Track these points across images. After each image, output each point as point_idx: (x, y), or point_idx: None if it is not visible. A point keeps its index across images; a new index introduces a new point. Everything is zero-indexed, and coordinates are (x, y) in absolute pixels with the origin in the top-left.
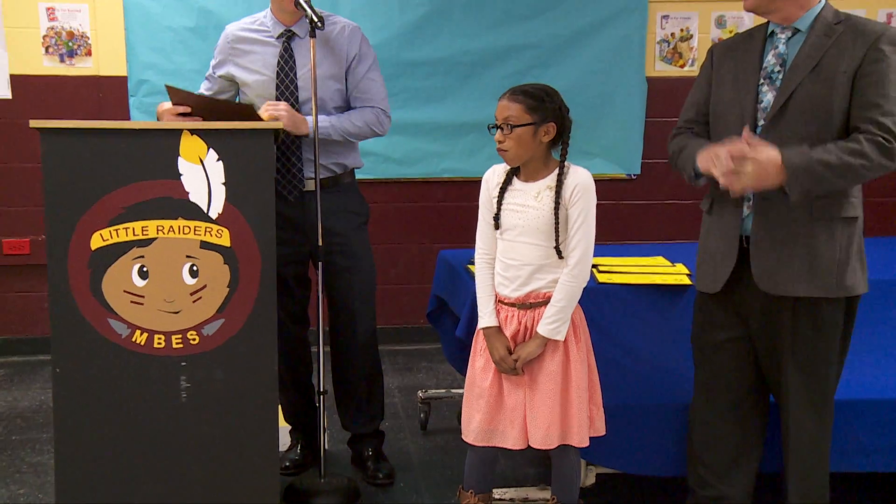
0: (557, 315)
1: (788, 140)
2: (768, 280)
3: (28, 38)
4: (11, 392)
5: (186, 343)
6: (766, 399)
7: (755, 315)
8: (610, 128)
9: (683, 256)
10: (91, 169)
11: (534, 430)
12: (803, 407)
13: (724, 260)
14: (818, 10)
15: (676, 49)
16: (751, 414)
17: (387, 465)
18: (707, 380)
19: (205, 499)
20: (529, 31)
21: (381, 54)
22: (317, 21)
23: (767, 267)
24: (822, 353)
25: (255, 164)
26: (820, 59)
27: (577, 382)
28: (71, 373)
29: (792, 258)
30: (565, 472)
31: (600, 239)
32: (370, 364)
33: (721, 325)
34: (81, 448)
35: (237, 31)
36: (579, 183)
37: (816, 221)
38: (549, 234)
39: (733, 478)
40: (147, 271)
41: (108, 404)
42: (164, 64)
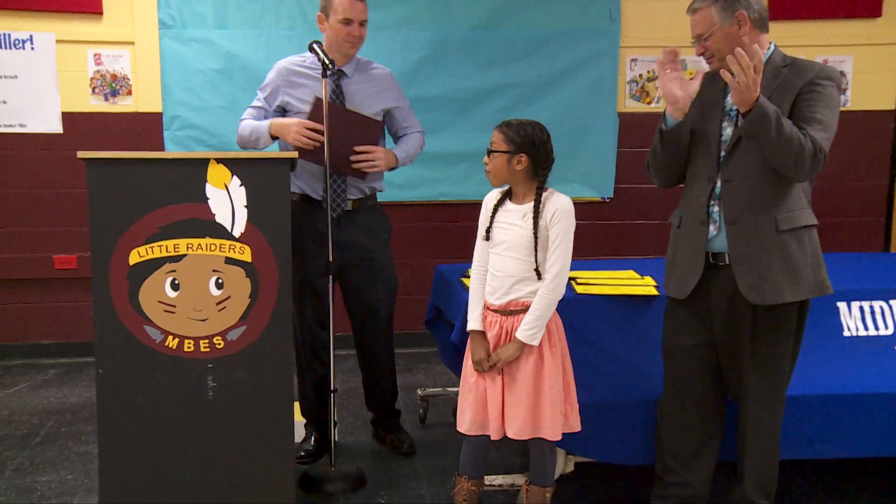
0: (534, 323)
1: (746, 168)
2: (756, 293)
3: (77, 80)
4: (61, 389)
5: (213, 347)
6: (725, 397)
7: (718, 321)
8: (586, 156)
9: (651, 270)
10: (130, 193)
11: (510, 422)
12: (760, 403)
13: (692, 271)
14: (769, 54)
15: (644, 88)
16: (712, 410)
17: (408, 437)
18: (674, 380)
19: (229, 483)
20: (515, 72)
21: None
22: (328, 64)
23: (753, 282)
24: (778, 354)
25: (274, 189)
26: (770, 96)
27: (550, 383)
28: (112, 373)
29: (772, 269)
30: (540, 460)
31: (578, 255)
32: (389, 357)
33: (687, 331)
34: (121, 439)
35: (291, 66)
36: (559, 208)
37: (783, 233)
38: (531, 251)
39: (695, 466)
40: (178, 284)
41: (145, 401)
42: (195, 101)
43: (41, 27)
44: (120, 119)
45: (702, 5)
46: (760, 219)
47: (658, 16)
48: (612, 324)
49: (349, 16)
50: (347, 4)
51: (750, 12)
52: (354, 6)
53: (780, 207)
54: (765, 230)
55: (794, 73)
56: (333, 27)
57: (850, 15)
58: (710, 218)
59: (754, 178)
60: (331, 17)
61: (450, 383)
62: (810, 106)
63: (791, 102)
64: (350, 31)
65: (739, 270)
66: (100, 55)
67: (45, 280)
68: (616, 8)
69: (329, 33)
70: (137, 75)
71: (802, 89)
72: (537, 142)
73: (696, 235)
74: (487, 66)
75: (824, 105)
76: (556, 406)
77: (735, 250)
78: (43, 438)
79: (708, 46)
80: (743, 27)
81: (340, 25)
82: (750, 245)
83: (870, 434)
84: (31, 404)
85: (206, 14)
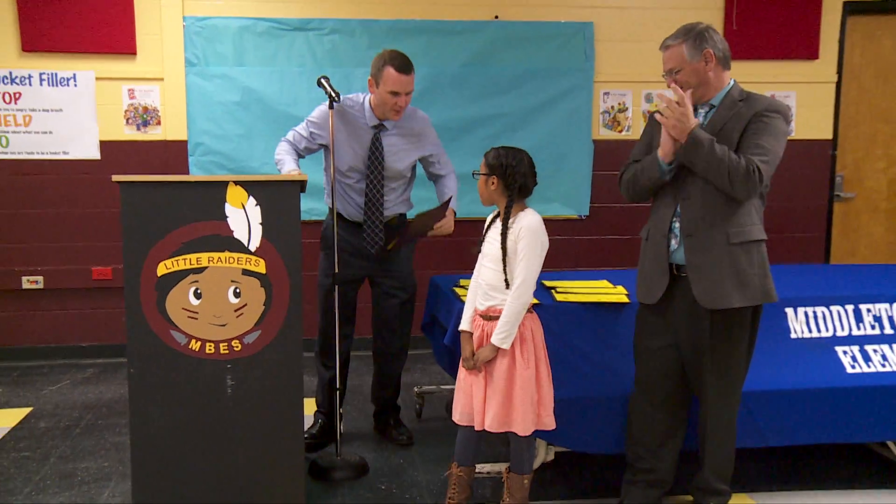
0: (503, 328)
1: (702, 188)
2: (708, 298)
3: (113, 112)
4: (98, 386)
5: (231, 350)
6: (689, 393)
7: (682, 325)
8: (565, 179)
9: (623, 280)
10: (158, 212)
11: (487, 415)
12: (718, 399)
13: (659, 280)
14: (728, 89)
15: (615, 118)
16: (676, 405)
17: (407, 429)
18: (643, 378)
19: (246, 470)
20: (502, 104)
21: None
22: (335, 97)
23: (705, 288)
24: (734, 355)
25: (286, 208)
26: (723, 126)
27: (521, 383)
28: (142, 372)
29: (723, 278)
30: (517, 451)
31: (558, 266)
32: (402, 359)
33: (655, 334)
34: (151, 430)
35: (344, 103)
36: (524, 226)
37: (734, 246)
38: (501, 262)
39: (662, 454)
40: (200, 293)
41: (171, 397)
42: (216, 130)
43: (83, 66)
44: (150, 146)
45: (674, 43)
46: (714, 232)
47: (626, 55)
48: (588, 328)
49: (396, 89)
50: (395, 78)
51: (716, 51)
52: (401, 80)
53: (732, 223)
54: (717, 243)
55: (748, 105)
56: (381, 95)
57: (792, 57)
58: (672, 232)
59: (708, 197)
60: (380, 86)
61: (444, 381)
62: (755, 134)
63: (741, 131)
64: (397, 101)
65: (694, 278)
66: (133, 90)
67: (84, 289)
68: (590, 48)
69: (376, 98)
70: (166, 107)
71: (751, 120)
72: (506, 165)
73: (661, 248)
74: (477, 98)
75: (768, 134)
76: (527, 405)
77: (691, 260)
78: (82, 430)
79: (678, 79)
80: (709, 63)
81: (388, 95)
82: (704, 256)
83: (813, 424)
84: (71, 399)
85: (227, 53)
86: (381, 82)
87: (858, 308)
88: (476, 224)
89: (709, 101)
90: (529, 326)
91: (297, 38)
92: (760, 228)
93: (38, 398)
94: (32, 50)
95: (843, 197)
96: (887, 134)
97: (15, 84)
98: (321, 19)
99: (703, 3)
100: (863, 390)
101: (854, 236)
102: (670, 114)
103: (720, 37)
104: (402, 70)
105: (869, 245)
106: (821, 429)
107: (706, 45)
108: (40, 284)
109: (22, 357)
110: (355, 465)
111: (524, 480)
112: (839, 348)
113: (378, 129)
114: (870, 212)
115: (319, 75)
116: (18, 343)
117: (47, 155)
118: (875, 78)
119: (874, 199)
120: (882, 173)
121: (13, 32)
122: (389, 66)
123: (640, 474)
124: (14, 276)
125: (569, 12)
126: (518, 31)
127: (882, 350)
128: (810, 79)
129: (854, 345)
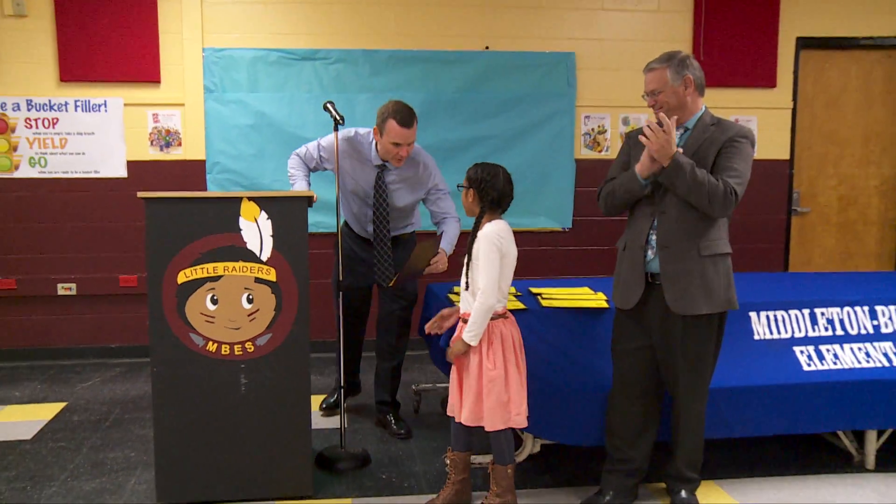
0: (471, 328)
1: (677, 204)
2: (679, 304)
3: (139, 134)
4: (125, 384)
5: (245, 351)
6: (663, 390)
7: (656, 329)
8: (549, 194)
9: (603, 287)
10: (178, 226)
11: (463, 410)
12: (689, 395)
13: (635, 287)
14: (700, 114)
15: (595, 139)
16: (652, 400)
17: (405, 424)
18: (622, 376)
19: (258, 461)
20: (492, 126)
21: None
22: (339, 120)
23: (676, 296)
24: (703, 355)
25: (295, 221)
26: (698, 148)
27: (486, 382)
28: (164, 371)
29: (692, 287)
30: (496, 444)
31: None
32: (399, 358)
33: (632, 336)
34: (172, 424)
35: (355, 137)
36: (483, 235)
37: (704, 259)
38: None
39: (638, 445)
40: (217, 299)
41: (190, 394)
42: (231, 151)
43: (113, 94)
44: (172, 165)
45: (658, 66)
46: (686, 245)
47: (605, 83)
48: (571, 331)
49: (399, 140)
50: (398, 131)
51: (695, 77)
52: (403, 133)
53: (703, 237)
54: (689, 255)
55: (720, 130)
56: (385, 144)
57: (754, 85)
58: (648, 244)
59: (683, 213)
60: (384, 136)
61: (439, 380)
62: (728, 158)
63: (715, 154)
64: (398, 152)
65: (667, 286)
66: (157, 115)
67: (112, 295)
68: (572, 76)
69: (381, 146)
70: (186, 130)
71: (724, 144)
72: (482, 179)
73: (638, 258)
74: (470, 121)
75: (739, 158)
76: (493, 403)
77: (665, 270)
78: (111, 423)
79: (658, 100)
80: (688, 88)
81: (391, 146)
82: (677, 266)
83: (774, 417)
84: (101, 395)
85: (242, 81)
86: (384, 133)
87: (814, 312)
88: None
89: (683, 123)
90: (499, 331)
91: (305, 67)
92: (727, 242)
93: (72, 394)
94: (69, 80)
95: (799, 211)
96: (836, 155)
97: (53, 110)
98: (327, 49)
99: (673, 36)
100: (817, 386)
101: (809, 247)
102: (655, 138)
103: (698, 65)
104: (405, 124)
105: (822, 255)
106: (781, 421)
107: (687, 71)
108: (73, 291)
109: (57, 357)
110: (358, 456)
111: (507, 470)
112: (797, 348)
113: (381, 169)
114: (823, 225)
115: (325, 100)
116: (54, 344)
117: (80, 174)
118: (825, 105)
119: (826, 214)
120: (833, 190)
121: (53, 65)
122: (392, 119)
123: (618, 464)
124: (50, 284)
125: (553, 43)
126: (507, 60)
127: (834, 350)
128: (769, 105)
129: (810, 345)
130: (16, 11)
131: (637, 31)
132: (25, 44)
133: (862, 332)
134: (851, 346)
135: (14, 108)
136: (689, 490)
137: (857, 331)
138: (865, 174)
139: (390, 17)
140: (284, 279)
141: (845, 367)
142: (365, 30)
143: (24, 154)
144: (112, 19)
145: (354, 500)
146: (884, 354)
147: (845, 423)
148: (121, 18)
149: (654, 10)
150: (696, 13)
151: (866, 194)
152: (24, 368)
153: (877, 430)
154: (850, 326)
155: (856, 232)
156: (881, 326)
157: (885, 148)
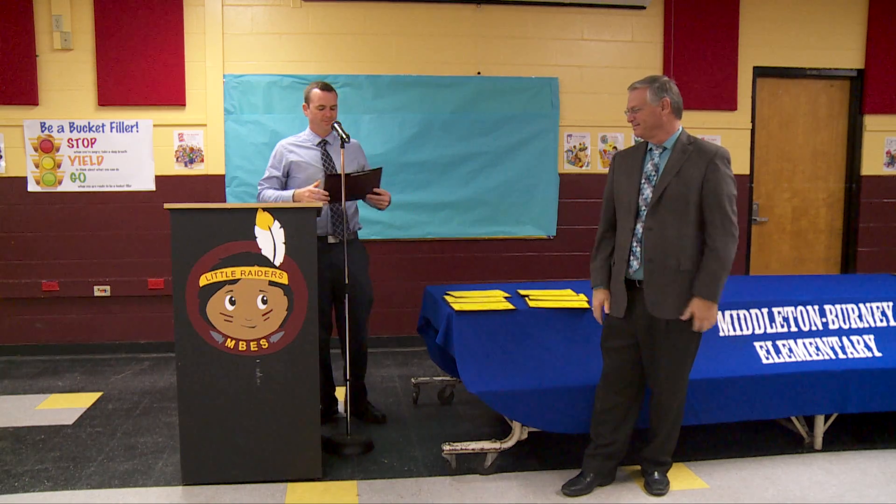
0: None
1: (662, 220)
2: (657, 309)
3: (166, 152)
4: (153, 376)
5: (260, 347)
6: (645, 383)
7: (642, 329)
8: (536, 205)
9: (584, 289)
10: (200, 234)
11: None
12: (669, 388)
13: (622, 295)
14: (677, 135)
15: (577, 156)
16: (635, 392)
17: (377, 408)
18: (608, 371)
19: (271, 447)
20: (483, 144)
21: (387, 158)
22: (346, 138)
23: (656, 302)
24: (683, 353)
25: (304, 230)
26: (680, 168)
27: None
28: (188, 365)
29: (668, 295)
30: None
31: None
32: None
33: (620, 335)
34: (195, 413)
35: (288, 144)
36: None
37: (680, 272)
38: None
39: (620, 432)
40: (234, 300)
41: (211, 386)
42: (248, 166)
43: (143, 116)
44: (195, 180)
45: (640, 86)
46: (668, 259)
47: (586, 104)
48: (556, 329)
49: (322, 103)
50: (320, 95)
51: (672, 100)
52: (325, 96)
53: (683, 251)
54: (670, 268)
55: (697, 150)
56: (312, 111)
57: (717, 108)
58: (632, 254)
59: (668, 230)
60: (310, 105)
61: (436, 374)
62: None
63: (701, 174)
64: (324, 114)
65: (647, 292)
66: (182, 134)
67: (142, 297)
68: (556, 98)
69: (310, 116)
70: (208, 148)
71: (707, 169)
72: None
73: (622, 269)
74: (463, 139)
75: (725, 183)
76: None
77: (648, 280)
78: (141, 411)
79: (636, 117)
80: (665, 109)
81: (317, 111)
82: (659, 278)
83: (736, 405)
84: (132, 386)
85: (258, 103)
86: (310, 102)
87: (772, 311)
88: (463, 244)
89: (662, 143)
90: None
91: None
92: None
93: (107, 385)
94: (106, 104)
95: (758, 221)
96: (790, 171)
97: (92, 132)
98: (335, 75)
99: (645, 63)
100: (775, 377)
101: (767, 252)
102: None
103: (678, 91)
104: (325, 88)
105: (779, 260)
106: (742, 408)
107: (665, 95)
108: (108, 292)
109: (94, 351)
110: (362, 442)
111: None
112: (756, 343)
113: (323, 144)
114: (779, 233)
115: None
116: (91, 340)
117: (114, 188)
118: (779, 126)
119: (782, 223)
120: (787, 202)
121: (92, 91)
122: (314, 87)
123: (600, 448)
124: (87, 286)
125: (538, 69)
126: (496, 84)
127: (789, 344)
128: (731, 125)
129: (768, 340)
130: (63, 46)
131: (614, 59)
132: (70, 73)
133: (812, 329)
134: (804, 340)
135: (59, 129)
136: (661, 472)
137: (809, 327)
138: (815, 188)
139: (392, 46)
140: (295, 282)
141: (798, 360)
142: (369, 57)
143: (66, 170)
144: (144, 51)
145: (359, 481)
146: (831, 348)
147: (798, 410)
148: (151, 50)
149: (629, 40)
150: (665, 44)
151: (815, 206)
152: (65, 361)
153: (824, 416)
154: (802, 323)
155: (807, 239)
156: (829, 323)
157: (830, 165)
